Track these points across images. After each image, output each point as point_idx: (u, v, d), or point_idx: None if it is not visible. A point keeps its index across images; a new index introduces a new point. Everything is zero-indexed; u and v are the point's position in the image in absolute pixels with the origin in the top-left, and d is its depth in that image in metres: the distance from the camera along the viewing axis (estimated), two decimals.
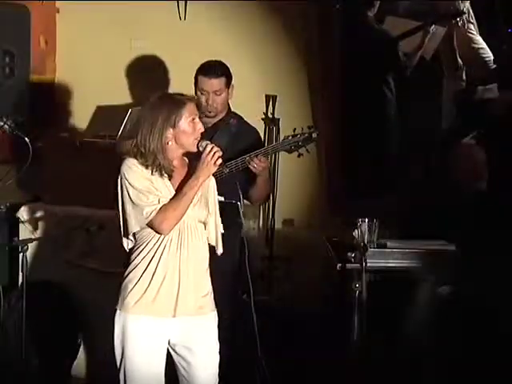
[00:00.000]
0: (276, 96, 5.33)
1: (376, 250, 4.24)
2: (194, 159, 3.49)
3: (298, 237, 5.23)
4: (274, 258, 5.18)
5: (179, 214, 3.38)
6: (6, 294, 4.57)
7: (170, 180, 3.43)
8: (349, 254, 4.17)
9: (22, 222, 5.16)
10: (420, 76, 5.41)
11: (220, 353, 3.53)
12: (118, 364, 3.53)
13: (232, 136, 4.26)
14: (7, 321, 4.62)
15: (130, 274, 3.48)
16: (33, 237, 5.00)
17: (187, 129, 3.43)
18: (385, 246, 4.30)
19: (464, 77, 5.46)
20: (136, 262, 3.47)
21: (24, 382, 4.34)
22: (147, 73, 5.43)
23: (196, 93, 4.30)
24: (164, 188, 3.42)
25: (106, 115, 5.54)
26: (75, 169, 5.16)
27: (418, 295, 4.33)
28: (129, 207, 3.42)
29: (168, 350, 3.50)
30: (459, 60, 5.45)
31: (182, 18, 5.38)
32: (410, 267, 4.27)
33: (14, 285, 5.01)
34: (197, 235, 3.48)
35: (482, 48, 5.46)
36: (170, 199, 3.40)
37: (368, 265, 4.06)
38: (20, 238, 4.98)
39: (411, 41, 5.43)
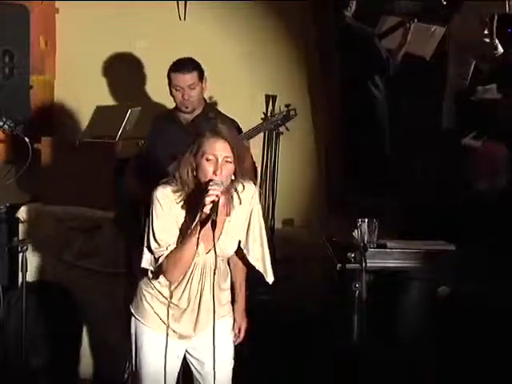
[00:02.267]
0: (276, 96, 5.32)
1: (376, 250, 4.23)
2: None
3: (297, 237, 5.23)
4: (274, 258, 5.17)
5: (181, 265, 3.21)
6: (5, 294, 4.57)
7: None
8: (349, 254, 4.16)
9: (22, 222, 5.17)
10: (420, 75, 5.41)
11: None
12: (133, 362, 3.49)
13: None
14: (7, 321, 4.62)
15: (152, 288, 3.36)
16: (32, 237, 5.01)
17: (202, 164, 3.19)
18: (385, 247, 4.30)
19: (469, 75, 5.44)
20: (163, 286, 3.35)
21: (23, 382, 4.35)
22: (147, 73, 5.43)
23: (171, 91, 4.36)
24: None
25: (105, 115, 5.53)
26: (74, 169, 5.16)
27: (417, 295, 4.32)
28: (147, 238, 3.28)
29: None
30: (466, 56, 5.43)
31: (182, 18, 5.38)
32: (409, 267, 4.26)
33: (13, 285, 5.02)
34: (220, 268, 3.36)
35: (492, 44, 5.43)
36: (175, 248, 3.21)
37: (368, 265, 4.06)
38: (19, 238, 4.99)
39: (394, 38, 5.43)
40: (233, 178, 3.24)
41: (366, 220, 4.24)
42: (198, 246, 3.17)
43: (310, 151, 5.42)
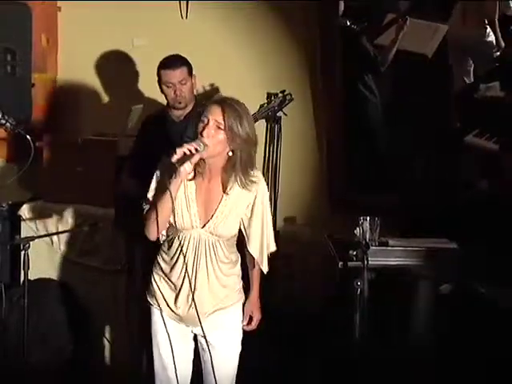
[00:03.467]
0: (277, 94, 5.33)
1: (378, 248, 4.23)
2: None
3: (299, 235, 5.22)
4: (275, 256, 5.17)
5: (158, 219, 3.31)
6: (7, 292, 4.58)
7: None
8: (350, 252, 4.16)
9: (24, 220, 5.17)
10: (422, 73, 5.40)
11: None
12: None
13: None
14: (9, 318, 4.63)
15: (158, 269, 3.53)
16: (34, 235, 5.00)
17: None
18: (386, 244, 4.30)
19: (470, 73, 5.43)
20: (164, 261, 3.52)
21: (24, 380, 4.35)
22: (149, 71, 5.42)
23: (162, 89, 4.38)
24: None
25: (107, 113, 5.54)
26: (76, 167, 5.16)
27: (419, 293, 4.32)
28: None
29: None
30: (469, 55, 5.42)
31: (184, 16, 5.38)
32: (411, 265, 4.26)
33: (15, 282, 5.02)
34: (217, 250, 3.47)
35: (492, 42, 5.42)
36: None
37: (370, 263, 4.06)
38: (21, 236, 4.99)
39: (387, 36, 5.41)
40: (230, 154, 3.35)
41: (368, 218, 4.24)
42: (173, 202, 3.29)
43: (312, 149, 5.41)
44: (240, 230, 3.54)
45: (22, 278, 4.40)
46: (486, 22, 5.32)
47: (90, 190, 5.12)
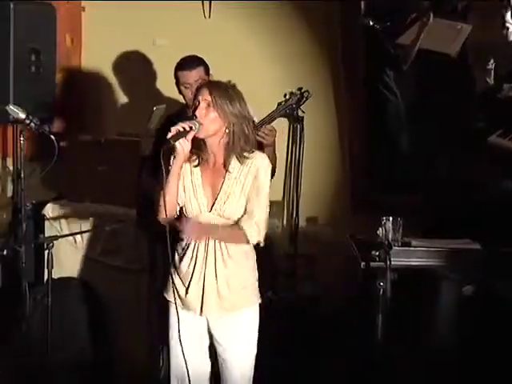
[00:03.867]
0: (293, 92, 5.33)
1: (400, 248, 4.22)
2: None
3: (321, 235, 5.22)
4: (297, 256, 5.17)
5: (165, 200, 3.42)
6: (31, 291, 4.60)
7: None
8: (373, 252, 4.15)
9: (48, 220, 5.20)
10: (445, 73, 5.37)
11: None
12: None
13: None
14: (32, 317, 4.65)
15: (173, 262, 3.58)
16: (58, 234, 5.04)
17: None
18: (409, 245, 4.28)
19: (492, 73, 5.40)
20: (178, 248, 3.59)
21: (48, 379, 4.37)
22: (171, 71, 5.44)
23: (179, 90, 4.39)
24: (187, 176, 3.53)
25: (130, 113, 5.56)
26: (99, 166, 5.18)
27: (442, 294, 4.31)
28: None
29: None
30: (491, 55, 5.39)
31: (207, 16, 5.39)
32: (434, 266, 4.25)
33: (39, 281, 5.05)
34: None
35: None
36: None
37: (392, 263, 4.05)
38: (45, 235, 5.03)
39: (408, 35, 5.39)
40: (226, 131, 3.44)
41: (391, 218, 4.23)
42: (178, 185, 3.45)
43: (335, 149, 5.41)
44: None
45: (45, 277, 4.43)
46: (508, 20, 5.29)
47: (113, 190, 5.14)
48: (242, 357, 3.61)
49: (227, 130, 3.45)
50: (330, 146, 5.40)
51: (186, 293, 3.54)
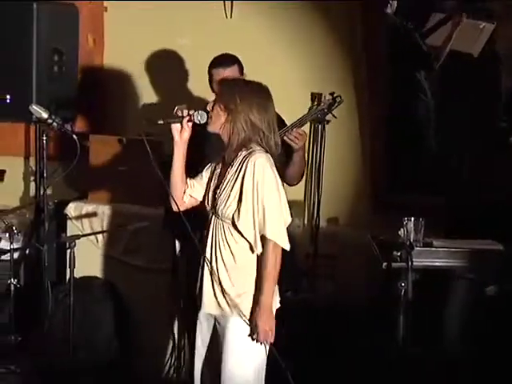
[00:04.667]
0: (321, 94, 5.31)
1: (422, 248, 4.21)
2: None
3: (342, 235, 5.21)
4: (318, 256, 5.17)
5: (171, 187, 3.49)
6: (53, 290, 4.62)
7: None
8: (394, 252, 4.15)
9: (70, 219, 5.22)
10: (469, 73, 5.35)
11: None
12: None
13: None
14: (54, 316, 4.67)
15: None
16: (80, 233, 5.06)
17: None
18: (431, 245, 4.27)
19: None
20: None
21: (70, 379, 4.39)
22: (193, 71, 5.45)
23: (213, 88, 4.34)
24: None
25: (151, 113, 5.56)
26: (120, 166, 5.19)
27: (465, 295, 4.29)
28: None
29: None
30: None
31: (228, 15, 5.39)
32: (456, 266, 4.23)
33: (61, 281, 5.08)
34: (221, 233, 3.42)
35: None
36: None
37: (414, 264, 4.03)
38: (68, 235, 5.05)
39: (438, 35, 5.36)
40: (222, 123, 3.39)
41: (413, 218, 4.22)
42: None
43: (356, 149, 5.39)
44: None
45: (67, 276, 4.45)
46: None
47: (135, 190, 5.15)
48: (235, 363, 3.42)
49: (228, 122, 3.39)
50: (351, 146, 5.39)
51: (200, 286, 3.51)
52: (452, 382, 4.22)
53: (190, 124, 3.45)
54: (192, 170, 3.64)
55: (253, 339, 3.37)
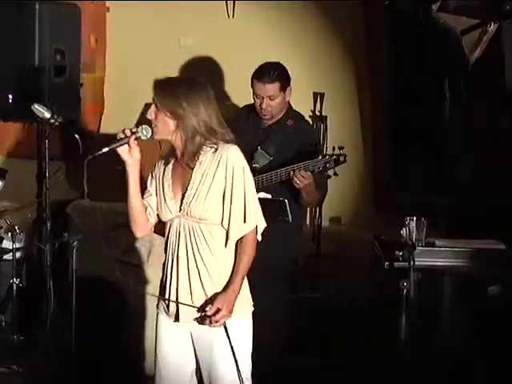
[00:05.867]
0: (324, 93, 5.32)
1: (424, 248, 4.21)
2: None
3: (345, 235, 5.21)
4: (320, 255, 5.17)
5: (129, 213, 3.36)
6: (55, 290, 4.62)
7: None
8: (397, 252, 4.15)
9: (72, 219, 5.22)
10: (473, 73, 5.35)
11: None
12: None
13: (287, 138, 4.21)
14: (56, 316, 4.67)
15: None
16: (81, 233, 5.06)
17: None
18: (433, 245, 4.27)
19: None
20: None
21: (72, 378, 4.39)
22: (196, 71, 5.46)
23: (253, 95, 4.26)
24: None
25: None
26: (123, 165, 5.19)
27: (467, 295, 4.29)
28: None
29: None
30: None
31: (231, 16, 5.40)
32: (458, 266, 4.23)
33: (63, 280, 5.07)
34: (197, 235, 3.25)
35: None
36: None
37: (416, 263, 4.03)
38: (69, 235, 5.05)
39: (467, 39, 5.35)
40: (172, 131, 3.23)
41: (415, 218, 4.21)
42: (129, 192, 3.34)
43: (358, 149, 5.40)
44: None
45: (69, 276, 4.45)
46: None
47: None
48: (224, 376, 3.29)
49: (180, 128, 3.23)
50: (353, 145, 5.39)
51: (168, 296, 3.32)
52: (455, 382, 4.22)
53: (137, 142, 3.26)
54: None
55: (207, 322, 3.23)
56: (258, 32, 5.40)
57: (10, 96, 4.67)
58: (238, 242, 3.27)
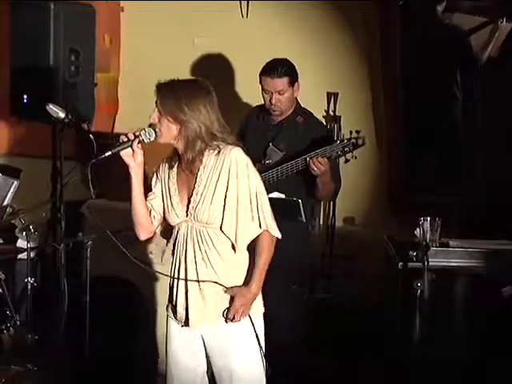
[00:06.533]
0: (337, 93, 5.32)
1: (438, 248, 4.20)
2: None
3: (358, 235, 5.20)
4: (334, 256, 5.17)
5: (133, 218, 3.36)
6: (70, 290, 4.63)
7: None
8: (410, 252, 4.14)
9: (86, 218, 5.23)
10: (487, 72, 5.33)
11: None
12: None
13: (298, 134, 4.24)
14: (70, 315, 4.68)
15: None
16: (96, 233, 5.07)
17: None
18: (447, 245, 4.26)
19: None
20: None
21: (86, 378, 4.40)
22: (210, 70, 5.46)
23: (262, 91, 4.29)
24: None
25: None
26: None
27: (480, 295, 4.28)
28: None
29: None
30: None
31: (245, 15, 5.40)
32: (472, 267, 4.22)
33: (77, 279, 5.08)
34: (204, 239, 3.25)
35: None
36: None
37: (430, 264, 4.03)
38: (84, 234, 5.06)
39: (478, 37, 5.34)
40: (175, 136, 3.22)
41: (429, 218, 4.21)
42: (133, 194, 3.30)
43: (372, 149, 5.39)
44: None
45: (83, 275, 4.47)
46: None
47: (150, 189, 5.15)
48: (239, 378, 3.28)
49: (181, 132, 3.21)
50: (367, 145, 5.37)
51: (177, 300, 3.32)
52: (468, 383, 4.21)
53: (140, 145, 3.25)
54: None
55: (229, 319, 3.24)
56: (271, 32, 5.40)
57: (25, 96, 4.69)
58: (254, 242, 3.26)
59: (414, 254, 4.12)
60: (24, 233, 4.71)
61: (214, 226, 3.24)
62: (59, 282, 4.44)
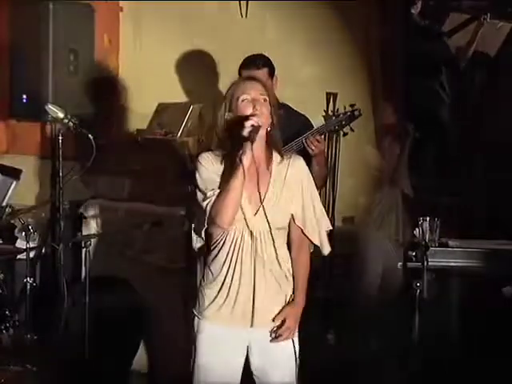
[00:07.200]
0: (337, 94, 5.31)
1: (437, 248, 4.20)
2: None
3: (358, 235, 5.20)
4: (333, 255, 5.16)
5: (228, 204, 3.10)
6: (69, 290, 4.63)
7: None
8: (410, 252, 4.14)
9: (85, 218, 5.24)
10: (485, 74, 5.34)
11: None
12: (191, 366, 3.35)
13: (281, 126, 4.24)
14: (70, 316, 4.68)
15: (207, 278, 3.29)
16: (95, 233, 5.07)
17: (239, 108, 3.20)
18: (446, 245, 4.26)
19: None
20: (212, 266, 3.27)
21: (85, 378, 4.40)
22: (208, 71, 5.46)
23: None
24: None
25: (167, 112, 5.58)
26: (136, 166, 5.21)
27: (480, 295, 4.28)
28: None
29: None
30: None
31: (244, 16, 5.40)
32: (472, 266, 4.22)
33: (77, 280, 5.09)
34: (271, 242, 3.20)
35: None
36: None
37: (429, 263, 4.03)
38: (83, 234, 5.06)
39: (461, 36, 5.35)
40: (269, 128, 3.19)
41: (428, 218, 4.21)
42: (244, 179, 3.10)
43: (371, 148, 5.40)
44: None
45: (83, 276, 4.47)
46: None
47: (149, 189, 5.16)
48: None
49: (269, 129, 3.19)
50: (367, 144, 5.39)
51: (234, 304, 3.25)
52: (467, 383, 4.21)
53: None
54: None
55: (277, 336, 3.24)
56: (271, 32, 5.40)
57: (24, 96, 4.69)
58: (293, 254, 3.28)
59: (414, 253, 4.12)
60: (23, 233, 4.71)
61: (278, 227, 3.22)
62: (59, 282, 4.45)
